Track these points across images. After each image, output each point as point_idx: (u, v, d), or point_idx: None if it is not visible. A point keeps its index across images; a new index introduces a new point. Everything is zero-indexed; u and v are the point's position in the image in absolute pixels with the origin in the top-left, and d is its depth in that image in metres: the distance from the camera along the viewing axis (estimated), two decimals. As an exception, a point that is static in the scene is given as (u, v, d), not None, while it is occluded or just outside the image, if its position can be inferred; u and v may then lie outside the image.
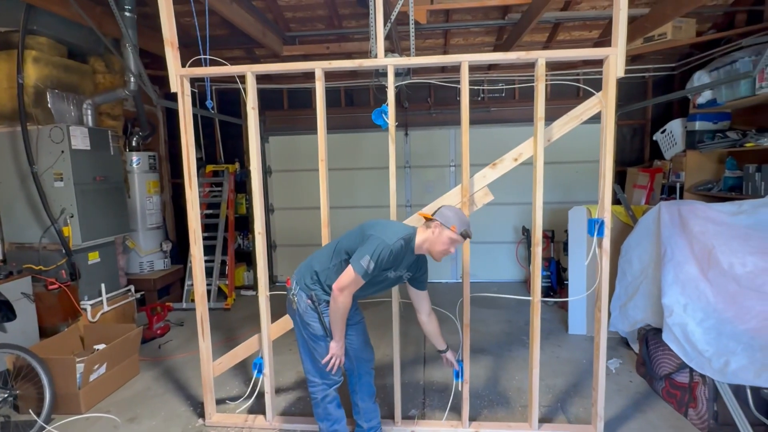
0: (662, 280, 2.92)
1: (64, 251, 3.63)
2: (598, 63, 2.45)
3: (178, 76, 2.55)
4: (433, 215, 2.18)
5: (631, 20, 4.08)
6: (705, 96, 4.27)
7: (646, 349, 3.19)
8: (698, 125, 4.34)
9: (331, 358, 2.19)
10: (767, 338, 2.37)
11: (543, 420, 2.78)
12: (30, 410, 2.78)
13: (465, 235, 2.14)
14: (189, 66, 2.56)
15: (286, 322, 2.81)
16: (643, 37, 4.26)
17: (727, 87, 3.93)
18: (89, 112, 4.00)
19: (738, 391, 2.50)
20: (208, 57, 2.68)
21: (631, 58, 5.12)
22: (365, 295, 2.30)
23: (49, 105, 3.67)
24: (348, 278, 2.04)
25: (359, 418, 2.52)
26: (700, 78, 4.22)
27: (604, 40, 4.72)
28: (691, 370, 2.70)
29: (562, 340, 4.06)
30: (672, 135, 4.85)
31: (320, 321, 2.20)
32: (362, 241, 2.09)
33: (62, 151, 3.60)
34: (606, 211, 2.46)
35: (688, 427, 2.71)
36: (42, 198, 3.55)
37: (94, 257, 3.95)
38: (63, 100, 3.81)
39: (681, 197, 4.57)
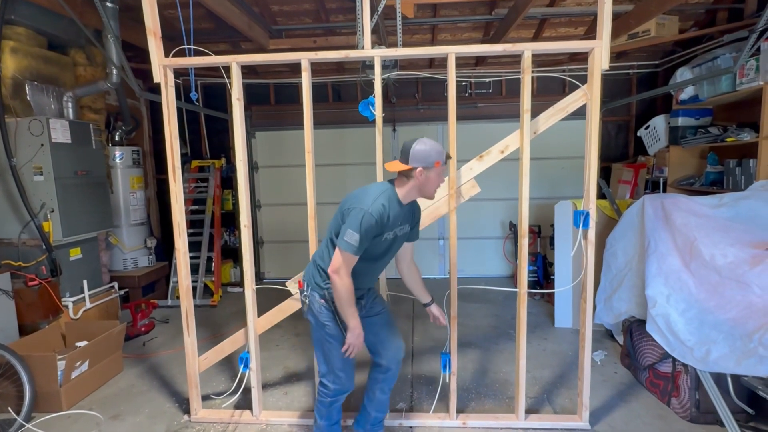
0: (646, 272, 2.96)
1: (44, 247, 3.54)
2: (584, 59, 2.47)
3: (162, 66, 2.50)
4: (404, 161, 2.07)
5: (616, 16, 4.13)
6: (687, 92, 4.34)
7: (630, 340, 3.24)
8: (681, 121, 4.40)
9: (348, 347, 2.12)
10: (747, 327, 2.42)
11: (529, 411, 2.81)
12: (9, 408, 2.71)
13: (447, 159, 2.12)
14: (173, 56, 2.51)
15: (273, 316, 2.78)
16: (628, 34, 4.32)
17: (709, 83, 4.00)
18: (70, 105, 3.91)
19: (719, 379, 2.55)
20: (192, 47, 2.63)
21: (616, 55, 5.19)
22: (377, 268, 2.24)
23: (27, 97, 3.58)
24: (338, 259, 1.99)
25: (371, 407, 2.47)
26: (683, 74, 4.28)
27: (590, 36, 4.77)
28: (674, 360, 2.75)
29: (549, 333, 4.10)
30: (655, 131, 4.93)
31: (335, 320, 2.14)
32: (343, 218, 2.04)
33: (42, 145, 3.51)
34: (591, 202, 2.48)
35: (671, 415, 2.76)
36: (21, 192, 3.45)
37: (75, 253, 3.87)
38: (42, 93, 3.71)
39: (664, 192, 4.65)
